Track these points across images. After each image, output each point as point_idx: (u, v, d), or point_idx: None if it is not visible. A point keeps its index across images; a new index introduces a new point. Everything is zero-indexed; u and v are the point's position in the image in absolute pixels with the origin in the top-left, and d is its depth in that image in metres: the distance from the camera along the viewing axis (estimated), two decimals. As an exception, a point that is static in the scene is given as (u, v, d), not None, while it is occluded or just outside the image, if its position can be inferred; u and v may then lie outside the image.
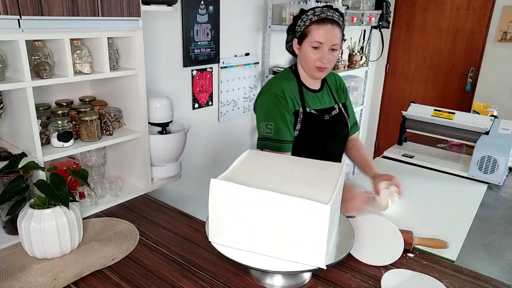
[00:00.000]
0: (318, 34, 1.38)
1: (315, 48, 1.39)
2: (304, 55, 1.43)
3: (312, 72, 1.45)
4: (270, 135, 1.43)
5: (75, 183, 1.47)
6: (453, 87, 3.89)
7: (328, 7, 1.42)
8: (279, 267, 0.99)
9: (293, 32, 1.48)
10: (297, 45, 1.46)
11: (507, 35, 3.42)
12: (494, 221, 1.46)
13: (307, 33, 1.40)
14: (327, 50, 1.39)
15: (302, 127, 1.47)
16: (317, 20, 1.38)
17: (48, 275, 1.09)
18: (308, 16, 1.40)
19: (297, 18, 1.45)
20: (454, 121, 1.92)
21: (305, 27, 1.40)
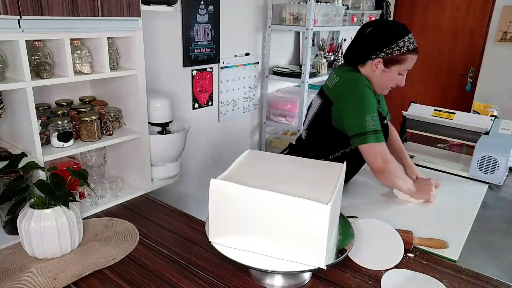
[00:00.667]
0: (411, 64, 1.45)
1: (401, 74, 1.47)
2: (389, 78, 1.47)
3: (384, 90, 1.53)
4: (377, 128, 1.41)
5: (75, 183, 1.47)
6: (453, 87, 3.89)
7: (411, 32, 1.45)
8: (279, 267, 0.99)
9: (378, 49, 1.43)
10: (381, 65, 1.45)
11: (507, 35, 3.42)
12: (494, 221, 1.46)
13: (401, 60, 1.43)
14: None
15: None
16: (414, 49, 1.43)
17: (48, 275, 1.09)
18: (405, 43, 1.41)
19: (391, 40, 1.41)
20: (454, 121, 1.92)
21: (400, 53, 1.41)
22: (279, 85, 3.12)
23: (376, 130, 1.40)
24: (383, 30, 1.45)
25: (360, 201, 1.55)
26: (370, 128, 1.39)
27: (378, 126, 1.41)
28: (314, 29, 2.63)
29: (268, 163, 1.17)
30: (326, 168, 1.14)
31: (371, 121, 1.39)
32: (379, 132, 1.40)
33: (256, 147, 3.12)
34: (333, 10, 2.82)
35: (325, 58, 2.97)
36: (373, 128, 1.39)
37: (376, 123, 1.40)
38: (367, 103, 1.41)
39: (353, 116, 1.43)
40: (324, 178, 1.07)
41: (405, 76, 1.49)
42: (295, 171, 1.12)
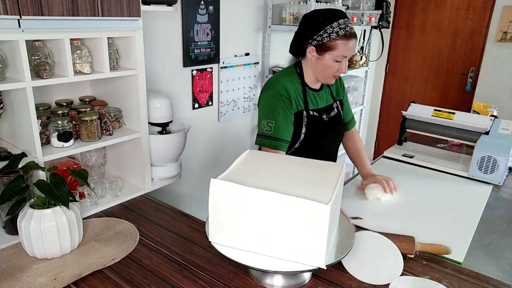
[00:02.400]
0: (345, 49, 1.39)
1: (338, 61, 1.42)
2: (324, 65, 1.43)
3: (328, 79, 1.48)
4: (270, 133, 1.44)
5: (75, 183, 1.47)
6: (453, 87, 3.89)
7: (347, 18, 1.41)
8: (279, 267, 0.99)
9: (308, 37, 1.42)
10: (315, 53, 1.43)
11: (507, 35, 3.42)
12: (494, 221, 1.46)
13: (332, 46, 1.39)
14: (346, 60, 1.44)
15: (308, 131, 1.50)
16: (345, 35, 1.38)
17: (48, 275, 1.09)
18: (334, 29, 1.37)
19: (318, 26, 1.39)
20: (454, 121, 1.92)
21: (329, 40, 1.38)
22: (279, 85, 3.12)
23: (268, 135, 1.43)
24: (313, 17, 1.43)
25: (363, 202, 1.55)
26: (262, 132, 1.45)
27: (273, 132, 1.43)
28: (314, 29, 2.62)
29: (268, 163, 1.17)
30: (326, 168, 1.14)
31: (266, 126, 1.44)
32: (276, 139, 1.43)
33: (256, 147, 3.12)
34: (333, 10, 2.82)
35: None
36: (266, 132, 1.44)
37: (270, 129, 1.43)
38: (268, 108, 1.45)
39: (258, 118, 1.50)
40: (324, 178, 1.07)
41: (344, 62, 1.43)
42: (295, 171, 1.12)
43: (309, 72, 1.51)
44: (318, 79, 1.51)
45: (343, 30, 1.38)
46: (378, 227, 1.36)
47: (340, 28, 1.37)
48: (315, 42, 1.41)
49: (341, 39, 1.38)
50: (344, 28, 1.38)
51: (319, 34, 1.39)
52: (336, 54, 1.40)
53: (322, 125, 1.53)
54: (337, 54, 1.40)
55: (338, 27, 1.37)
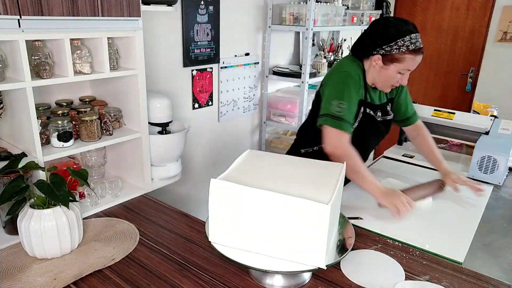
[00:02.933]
0: (411, 64, 1.41)
1: (401, 73, 1.43)
2: (386, 76, 1.45)
3: (385, 88, 1.51)
4: (340, 114, 1.40)
5: (75, 183, 1.47)
6: (453, 87, 3.89)
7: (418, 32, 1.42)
8: (279, 267, 0.99)
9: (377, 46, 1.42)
10: (380, 61, 1.44)
11: (507, 35, 3.42)
12: (494, 221, 1.46)
13: (400, 59, 1.40)
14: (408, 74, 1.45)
15: (359, 126, 1.50)
16: (414, 50, 1.39)
17: (48, 275, 1.09)
18: (405, 42, 1.38)
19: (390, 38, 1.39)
20: (454, 121, 1.92)
21: (399, 52, 1.39)
22: (279, 85, 3.12)
23: (338, 116, 1.39)
24: (386, 26, 1.43)
25: (365, 203, 1.55)
26: (331, 111, 1.40)
27: (343, 114, 1.39)
28: (314, 29, 2.63)
29: (268, 163, 1.17)
30: (326, 168, 1.14)
31: (337, 106, 1.39)
32: (340, 119, 1.39)
33: (256, 147, 3.12)
34: (333, 10, 2.82)
35: (325, 58, 2.97)
36: (335, 113, 1.39)
37: (341, 111, 1.39)
38: (341, 90, 1.42)
39: (326, 97, 1.45)
40: (324, 178, 1.07)
41: (407, 75, 1.46)
42: (295, 171, 1.12)
43: (369, 74, 1.51)
44: (376, 85, 1.52)
45: (413, 45, 1.38)
46: (378, 227, 1.36)
47: (411, 42, 1.38)
48: (383, 52, 1.41)
49: (410, 53, 1.39)
50: (414, 43, 1.39)
51: (389, 45, 1.40)
52: (402, 67, 1.41)
53: (374, 125, 1.54)
54: (403, 67, 1.42)
55: (409, 41, 1.38)
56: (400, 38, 1.38)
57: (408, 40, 1.38)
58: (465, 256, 1.22)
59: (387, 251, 1.23)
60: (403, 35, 1.38)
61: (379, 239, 1.30)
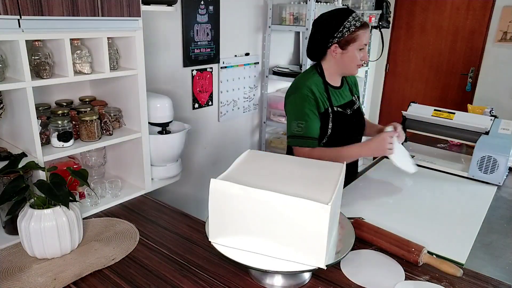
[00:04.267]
0: (364, 38, 1.52)
1: (361, 49, 1.53)
2: (350, 58, 1.54)
3: (353, 70, 1.59)
4: (301, 133, 1.51)
5: (75, 183, 1.47)
6: (453, 87, 3.89)
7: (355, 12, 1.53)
8: (279, 267, 0.99)
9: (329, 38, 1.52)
10: (338, 49, 1.53)
11: (507, 35, 3.42)
12: (494, 221, 1.46)
13: (354, 38, 1.50)
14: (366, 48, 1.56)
15: (334, 126, 1.57)
16: (361, 25, 1.50)
17: (48, 275, 1.09)
18: (351, 22, 1.49)
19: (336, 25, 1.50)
20: (454, 121, 1.92)
21: (350, 33, 1.49)
22: (279, 85, 3.12)
23: (299, 135, 1.51)
24: (327, 19, 1.54)
25: (366, 203, 1.55)
26: (294, 132, 1.52)
27: (304, 131, 1.50)
28: (314, 29, 2.63)
29: (268, 163, 1.17)
30: (326, 168, 1.14)
31: (296, 126, 1.51)
32: (302, 137, 1.51)
33: (256, 147, 3.12)
34: (333, 10, 2.82)
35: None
36: (296, 133, 1.51)
37: (301, 129, 1.50)
38: (297, 110, 1.52)
39: (288, 119, 1.57)
40: (324, 178, 1.07)
41: (365, 50, 1.55)
42: (295, 171, 1.12)
43: (331, 70, 1.60)
44: (344, 73, 1.62)
45: (359, 22, 1.50)
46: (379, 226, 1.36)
47: (355, 20, 1.50)
48: (337, 39, 1.51)
49: (359, 29, 1.50)
50: (358, 20, 1.51)
51: (339, 31, 1.50)
52: (359, 44, 1.51)
53: (347, 119, 1.63)
54: (360, 44, 1.52)
55: (354, 20, 1.50)
56: (345, 21, 1.50)
57: (352, 19, 1.50)
58: (466, 258, 1.21)
59: (387, 251, 1.23)
60: (346, 18, 1.50)
61: (379, 239, 1.30)
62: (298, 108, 1.52)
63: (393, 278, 1.10)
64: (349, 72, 1.61)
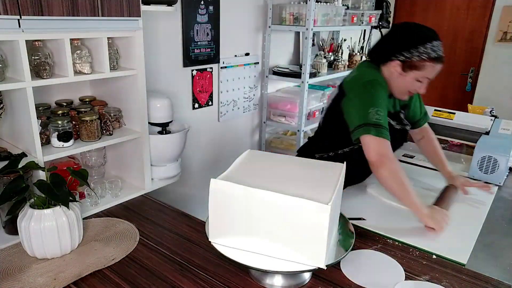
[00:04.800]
0: (431, 72, 1.37)
1: (419, 81, 1.39)
2: (405, 83, 1.41)
3: (400, 95, 1.47)
4: (381, 122, 1.33)
5: (75, 183, 1.47)
6: (453, 87, 3.89)
7: (440, 40, 1.38)
8: (279, 267, 0.99)
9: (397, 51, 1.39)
10: (399, 68, 1.40)
11: (507, 35, 3.42)
12: (494, 221, 1.46)
13: (420, 66, 1.36)
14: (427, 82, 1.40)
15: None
16: (435, 58, 1.35)
17: (48, 275, 1.09)
18: (427, 50, 1.34)
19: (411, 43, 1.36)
20: (454, 121, 1.92)
21: (419, 60, 1.35)
22: (279, 85, 3.12)
23: (379, 124, 1.33)
24: (407, 32, 1.40)
25: (364, 202, 1.55)
26: (373, 120, 1.33)
27: (383, 121, 1.34)
28: (314, 29, 2.63)
29: (268, 163, 1.17)
30: (326, 168, 1.14)
31: (375, 114, 1.33)
32: (381, 127, 1.33)
33: (256, 147, 3.12)
34: (333, 10, 2.82)
35: (325, 58, 2.97)
36: (375, 121, 1.33)
37: (380, 118, 1.33)
38: (374, 98, 1.37)
39: (358, 108, 1.38)
40: (324, 178, 1.07)
41: (425, 83, 1.41)
42: (295, 171, 1.12)
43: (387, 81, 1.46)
44: (392, 92, 1.48)
45: (435, 53, 1.34)
46: (380, 227, 1.36)
47: (433, 50, 1.34)
48: (403, 58, 1.38)
49: (431, 61, 1.35)
50: (436, 51, 1.35)
51: (410, 51, 1.36)
52: (421, 75, 1.38)
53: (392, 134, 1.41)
54: (422, 75, 1.38)
55: (431, 48, 1.34)
56: (421, 45, 1.34)
57: (430, 47, 1.34)
58: (468, 258, 1.21)
59: (387, 251, 1.23)
60: (425, 42, 1.34)
61: (379, 239, 1.30)
62: (375, 95, 1.36)
63: (393, 278, 1.10)
64: (397, 95, 1.48)
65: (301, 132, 2.78)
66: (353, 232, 1.15)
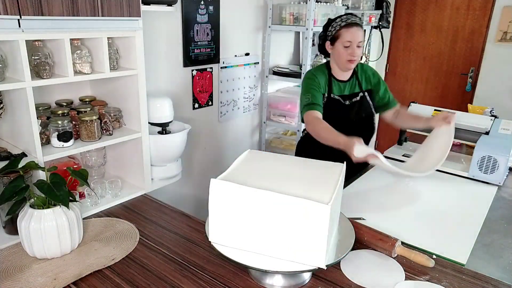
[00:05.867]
0: (348, 35, 1.72)
1: (346, 47, 1.72)
2: (338, 53, 1.77)
3: (345, 65, 1.78)
4: (309, 101, 1.75)
5: (75, 183, 1.47)
6: (453, 87, 3.89)
7: (351, 14, 1.78)
8: (279, 267, 0.99)
9: (324, 36, 1.81)
10: (330, 46, 1.80)
11: (507, 35, 3.42)
12: (494, 221, 1.46)
13: (338, 36, 1.74)
14: (355, 46, 1.73)
15: (326, 110, 1.77)
16: (345, 25, 1.73)
17: (48, 275, 1.09)
18: (337, 22, 1.75)
19: (327, 25, 1.80)
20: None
21: (335, 32, 1.75)
22: (279, 85, 3.12)
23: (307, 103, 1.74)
24: (328, 20, 1.82)
25: (366, 203, 1.55)
26: (304, 103, 1.77)
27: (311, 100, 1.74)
28: (314, 29, 2.63)
29: (268, 163, 1.17)
30: (326, 168, 1.14)
31: (305, 98, 1.77)
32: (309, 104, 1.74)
33: (256, 147, 3.12)
34: (333, 10, 2.82)
35: (325, 58, 2.97)
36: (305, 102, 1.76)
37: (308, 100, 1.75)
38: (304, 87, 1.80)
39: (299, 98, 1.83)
40: (324, 178, 1.07)
41: (353, 48, 1.72)
42: (295, 171, 1.12)
43: (334, 65, 1.83)
44: (340, 67, 1.81)
45: (344, 22, 1.73)
46: (380, 227, 1.36)
47: (342, 21, 1.74)
48: (328, 37, 1.79)
49: (343, 28, 1.73)
50: (345, 20, 1.74)
51: (329, 30, 1.78)
52: (343, 41, 1.72)
53: (342, 108, 1.82)
54: (344, 40, 1.72)
55: (340, 21, 1.74)
56: (333, 21, 1.77)
57: (339, 20, 1.75)
58: (467, 258, 1.21)
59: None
60: (335, 19, 1.77)
61: (379, 239, 1.30)
62: (305, 87, 1.79)
63: (393, 278, 1.10)
64: (342, 66, 1.80)
65: (301, 132, 2.78)
66: (353, 232, 1.15)
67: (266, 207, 0.96)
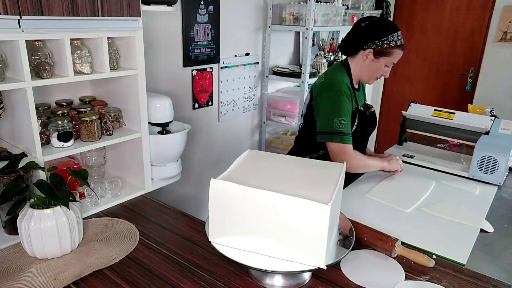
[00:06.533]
0: (397, 58, 1.62)
1: (387, 66, 1.63)
2: (376, 68, 1.63)
3: (369, 80, 1.69)
4: (344, 130, 1.56)
5: (75, 183, 1.47)
6: (453, 87, 3.89)
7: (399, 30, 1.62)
8: (279, 267, 0.99)
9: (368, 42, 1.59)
10: (371, 55, 1.60)
11: (507, 35, 3.42)
12: (494, 221, 1.45)
13: (389, 53, 1.59)
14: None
15: (359, 124, 1.68)
16: (401, 45, 1.60)
17: (48, 275, 1.09)
18: (395, 38, 1.58)
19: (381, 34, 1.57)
20: (454, 121, 1.92)
21: (389, 47, 1.58)
22: (279, 85, 3.12)
23: (341, 132, 1.56)
24: (377, 24, 1.61)
25: (363, 202, 1.55)
26: (336, 129, 1.56)
27: (345, 129, 1.56)
28: (314, 29, 2.63)
29: (268, 163, 1.17)
30: (326, 168, 1.14)
31: (339, 123, 1.56)
32: (343, 134, 1.56)
33: (256, 147, 3.12)
34: (333, 10, 2.83)
35: (325, 58, 2.97)
36: (339, 130, 1.56)
37: (343, 126, 1.56)
38: (339, 108, 1.57)
39: (325, 114, 1.60)
40: (324, 178, 1.07)
41: (390, 69, 1.65)
42: (295, 171, 1.12)
43: (356, 71, 1.67)
44: (362, 79, 1.70)
45: (400, 41, 1.60)
46: (380, 228, 1.36)
47: (398, 39, 1.59)
48: (375, 46, 1.59)
49: (398, 48, 1.59)
50: (400, 40, 1.60)
51: (381, 40, 1.58)
52: (390, 61, 1.61)
53: (367, 119, 1.74)
54: (390, 61, 1.61)
55: (397, 37, 1.59)
56: (390, 34, 1.58)
57: (397, 36, 1.58)
58: (467, 258, 1.21)
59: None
60: (392, 32, 1.58)
61: (379, 239, 1.30)
62: (339, 105, 1.56)
63: (393, 278, 1.10)
64: (366, 79, 1.69)
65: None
66: (353, 232, 1.15)
67: (266, 207, 0.96)
